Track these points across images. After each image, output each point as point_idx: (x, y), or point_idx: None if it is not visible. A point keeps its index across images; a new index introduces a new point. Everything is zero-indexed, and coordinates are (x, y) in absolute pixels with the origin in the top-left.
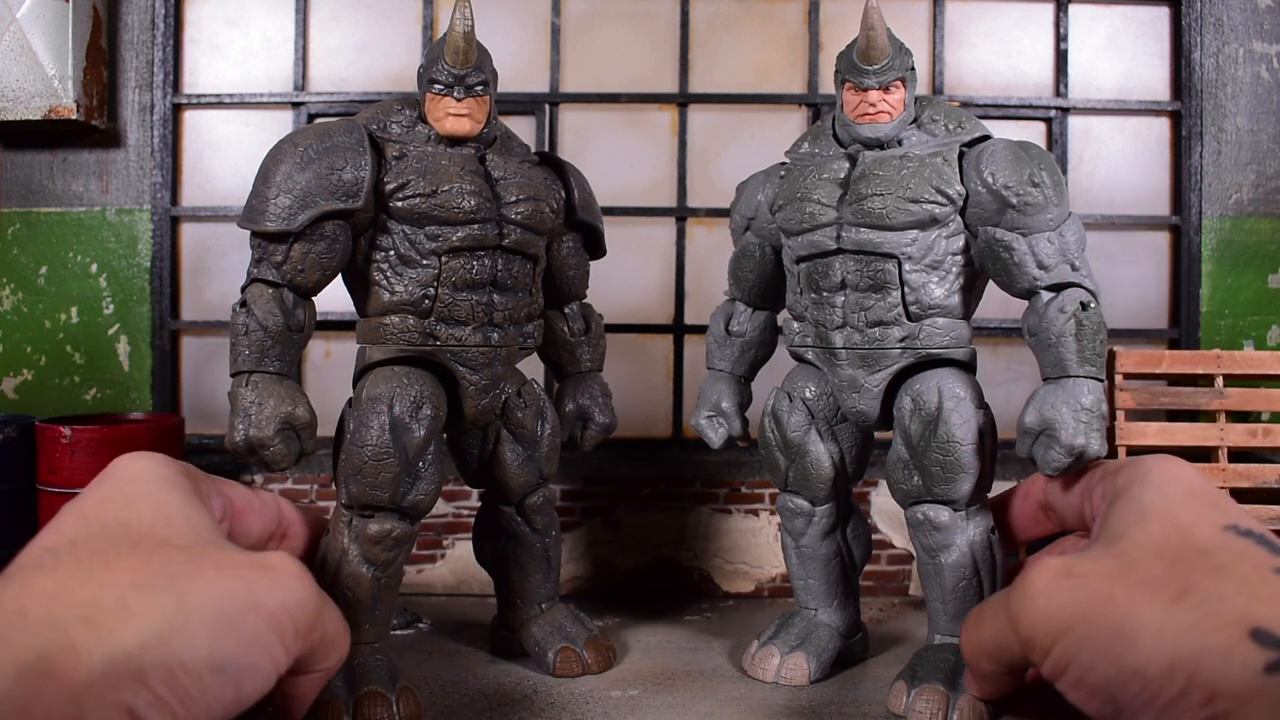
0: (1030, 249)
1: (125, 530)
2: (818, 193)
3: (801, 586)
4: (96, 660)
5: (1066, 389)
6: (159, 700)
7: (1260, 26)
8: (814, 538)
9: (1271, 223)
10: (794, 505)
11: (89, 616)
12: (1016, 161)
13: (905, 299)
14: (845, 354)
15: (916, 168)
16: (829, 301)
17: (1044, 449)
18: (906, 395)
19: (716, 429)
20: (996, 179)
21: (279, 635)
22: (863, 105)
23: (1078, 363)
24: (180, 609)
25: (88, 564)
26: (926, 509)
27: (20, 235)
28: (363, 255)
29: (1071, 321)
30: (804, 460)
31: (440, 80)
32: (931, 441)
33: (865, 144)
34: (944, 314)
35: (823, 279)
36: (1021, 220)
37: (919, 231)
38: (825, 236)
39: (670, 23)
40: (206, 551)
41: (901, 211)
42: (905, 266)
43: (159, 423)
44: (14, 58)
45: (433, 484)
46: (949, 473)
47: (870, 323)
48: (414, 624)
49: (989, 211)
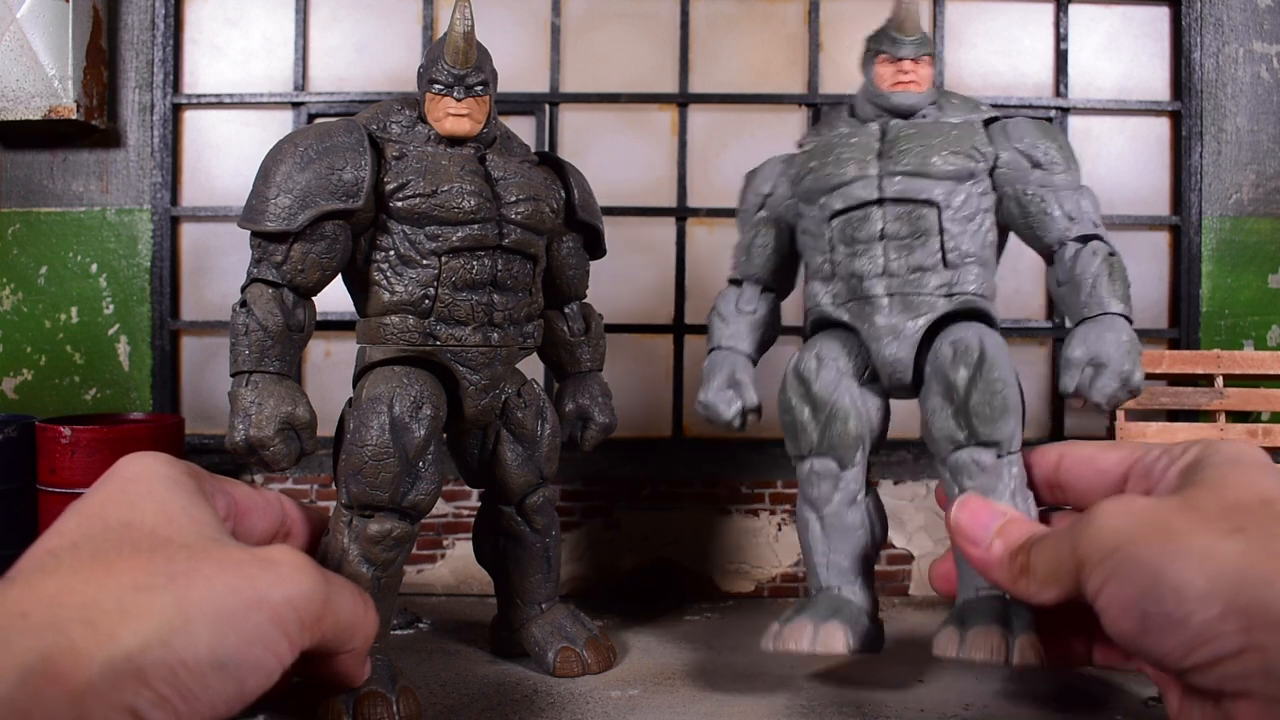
0: (1059, 202)
1: (127, 531)
2: (852, 152)
3: (824, 564)
4: (97, 662)
5: (1107, 323)
6: (162, 699)
7: (1260, 26)
8: (840, 504)
9: (1271, 223)
10: (821, 468)
11: (89, 618)
12: (1041, 129)
13: (945, 245)
14: (886, 301)
15: (950, 127)
16: (867, 251)
17: (1091, 378)
18: (945, 343)
19: (730, 401)
20: (1024, 140)
21: (282, 630)
22: (897, 74)
23: (1115, 300)
24: (180, 608)
25: (89, 566)
26: (973, 452)
27: (20, 235)
28: (363, 255)
29: (1105, 263)
30: (834, 418)
31: (440, 80)
32: (978, 383)
33: (895, 113)
34: (978, 263)
35: (859, 230)
36: (1048, 179)
37: (955, 183)
38: (865, 189)
39: (670, 23)
40: (208, 549)
41: (944, 160)
42: (945, 214)
43: (159, 423)
44: (14, 58)
45: (433, 484)
46: (996, 412)
47: (911, 269)
48: (414, 624)
49: (1019, 171)
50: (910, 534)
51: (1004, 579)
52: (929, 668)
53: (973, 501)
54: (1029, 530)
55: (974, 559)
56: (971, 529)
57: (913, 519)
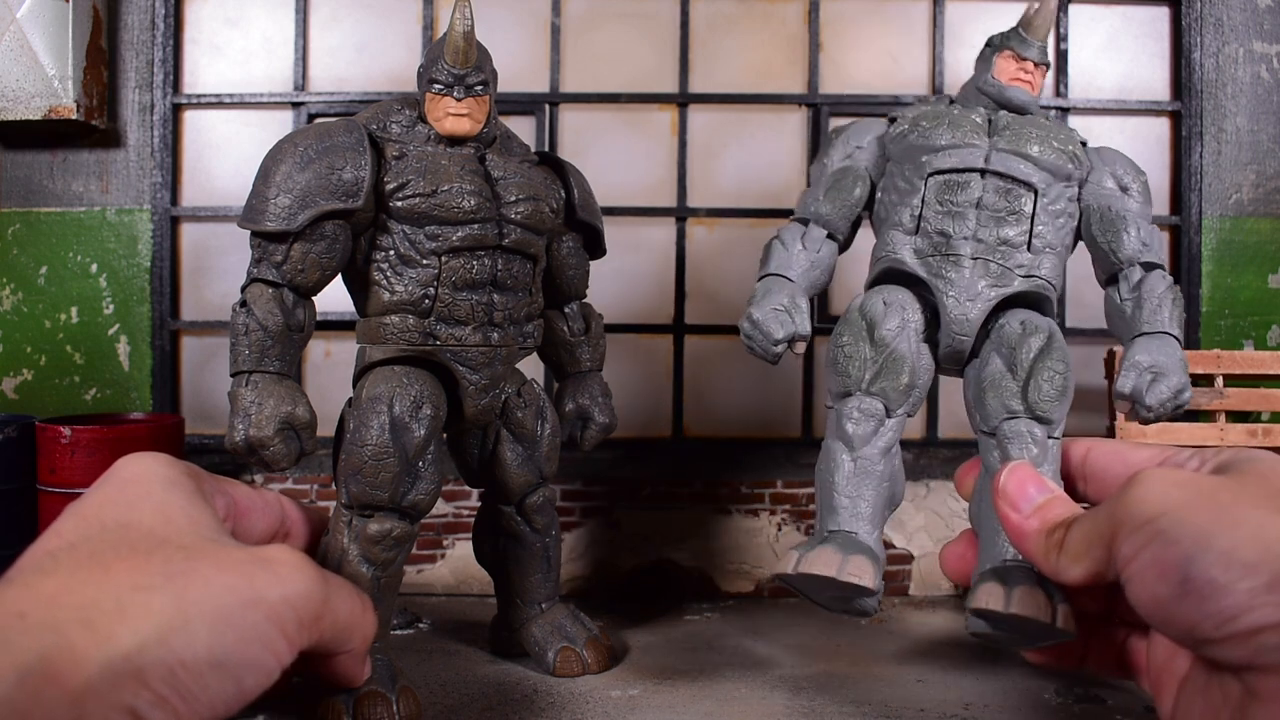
0: (1138, 227)
1: (125, 531)
2: (963, 122)
3: (847, 506)
4: (95, 662)
5: (1166, 342)
6: (160, 699)
7: (1260, 26)
8: (876, 450)
9: (1271, 223)
10: (868, 406)
11: (88, 619)
12: (1131, 162)
13: (1033, 229)
14: (970, 262)
15: (1057, 129)
16: (960, 215)
17: (1149, 384)
18: (1015, 320)
19: (784, 322)
20: (1116, 166)
21: (281, 629)
22: (1020, 71)
23: (1175, 324)
24: (179, 607)
25: (87, 566)
26: (1030, 424)
27: (20, 235)
28: (363, 255)
29: (1170, 290)
30: (893, 362)
31: (440, 80)
32: (1047, 360)
33: (1008, 107)
34: (1056, 255)
35: (958, 193)
36: (1131, 206)
37: (1053, 177)
38: (975, 155)
39: (670, 23)
40: (205, 549)
41: (1053, 151)
42: (1039, 202)
43: (159, 423)
44: (14, 58)
45: (433, 484)
46: (1060, 394)
47: (1000, 241)
48: (414, 624)
49: (1108, 191)
50: (910, 534)
51: (1036, 550)
52: (929, 668)
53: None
54: (1071, 510)
55: (1011, 523)
56: (1017, 495)
57: (913, 519)
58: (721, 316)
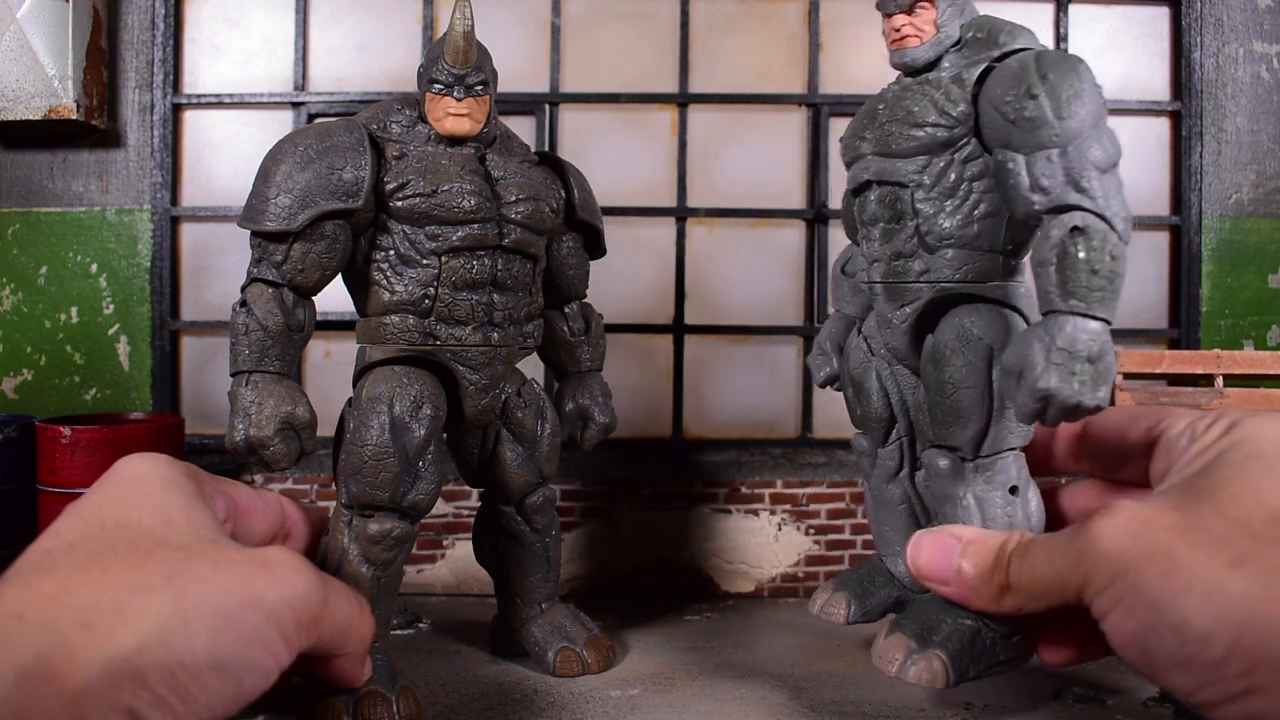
0: (1028, 168)
1: (124, 532)
2: (861, 125)
3: (876, 532)
4: (94, 663)
5: (1044, 325)
6: (160, 700)
7: (1260, 26)
8: (879, 480)
9: (1271, 223)
10: (861, 444)
11: (87, 619)
12: (1019, 72)
13: (920, 229)
14: (879, 288)
15: (928, 92)
16: (868, 236)
17: (1012, 391)
18: (933, 336)
19: (819, 367)
20: (997, 91)
21: (279, 630)
22: (890, 32)
23: (1059, 295)
24: (178, 608)
25: (85, 567)
26: (931, 454)
27: (20, 235)
28: (363, 255)
29: (1056, 247)
30: (860, 397)
31: (440, 80)
32: (934, 383)
33: (904, 71)
34: (956, 245)
35: (863, 212)
36: (1022, 138)
37: (927, 157)
38: (860, 169)
39: (670, 23)
40: (204, 550)
41: (905, 138)
42: (916, 195)
43: (159, 423)
44: (14, 58)
45: (433, 484)
46: (947, 416)
47: (894, 255)
48: (414, 624)
49: (996, 130)
50: None
51: (986, 604)
52: None
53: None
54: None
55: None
56: (933, 568)
57: None
58: (721, 316)
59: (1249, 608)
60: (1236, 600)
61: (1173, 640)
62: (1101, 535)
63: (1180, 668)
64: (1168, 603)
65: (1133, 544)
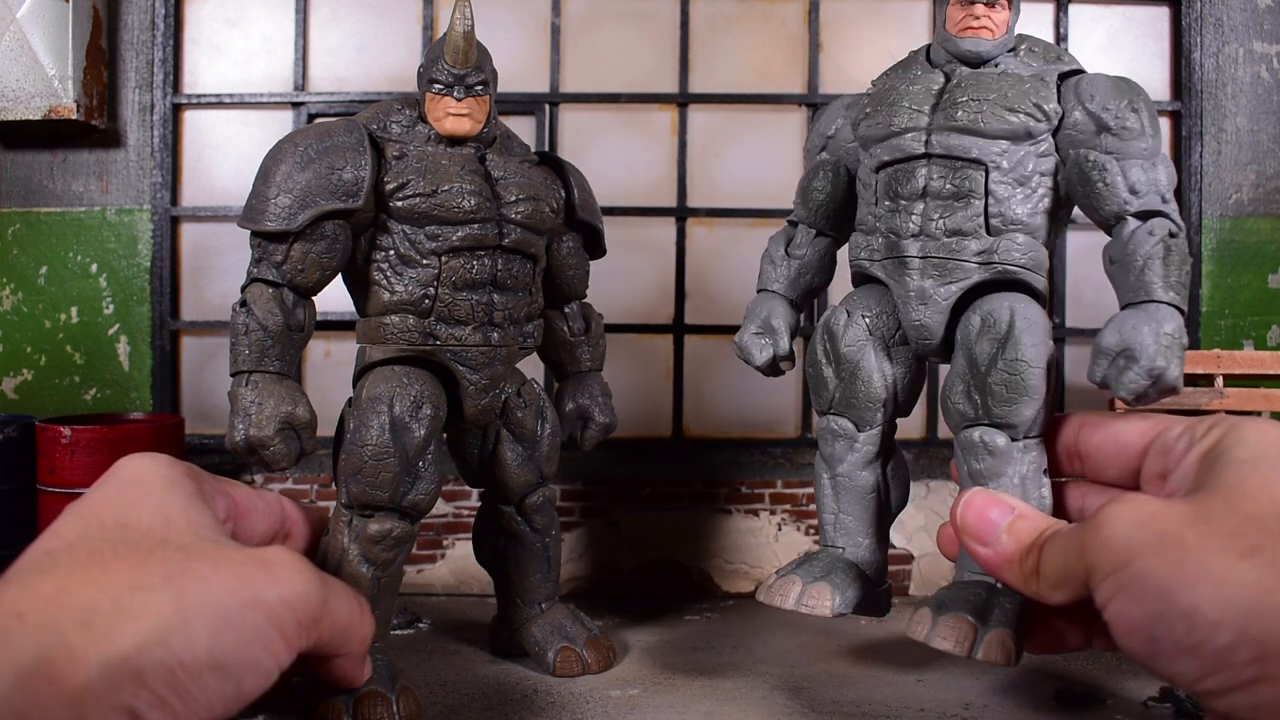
0: (1123, 172)
1: (124, 532)
2: (908, 100)
3: (831, 522)
4: (94, 663)
5: (1149, 312)
6: (160, 700)
7: (1260, 26)
8: (853, 465)
9: (1271, 223)
10: (837, 427)
11: (87, 619)
12: (1117, 88)
13: (988, 210)
14: (919, 263)
15: (1015, 82)
16: (907, 209)
17: (1120, 371)
18: (975, 314)
19: (762, 347)
20: (1095, 100)
21: (279, 630)
22: (967, 18)
23: (1163, 288)
24: (178, 608)
25: (85, 566)
26: (985, 432)
27: (20, 235)
28: (363, 255)
29: (1160, 245)
30: (855, 378)
31: (440, 80)
32: (999, 360)
33: (964, 60)
34: (1025, 231)
35: (904, 185)
36: (1117, 144)
37: (1010, 143)
38: (914, 141)
39: (670, 23)
40: (204, 550)
41: (997, 118)
42: (992, 176)
43: (159, 423)
44: (14, 58)
45: (433, 484)
46: (1014, 394)
47: (949, 231)
48: (414, 624)
49: (1085, 134)
50: (910, 534)
51: (1015, 579)
52: (929, 668)
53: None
54: (1039, 526)
55: (983, 559)
56: (979, 527)
57: (913, 519)
58: (721, 316)
59: (1260, 597)
60: (1248, 589)
61: (1181, 626)
62: (1106, 523)
63: (1187, 654)
64: (1176, 590)
65: (1139, 533)
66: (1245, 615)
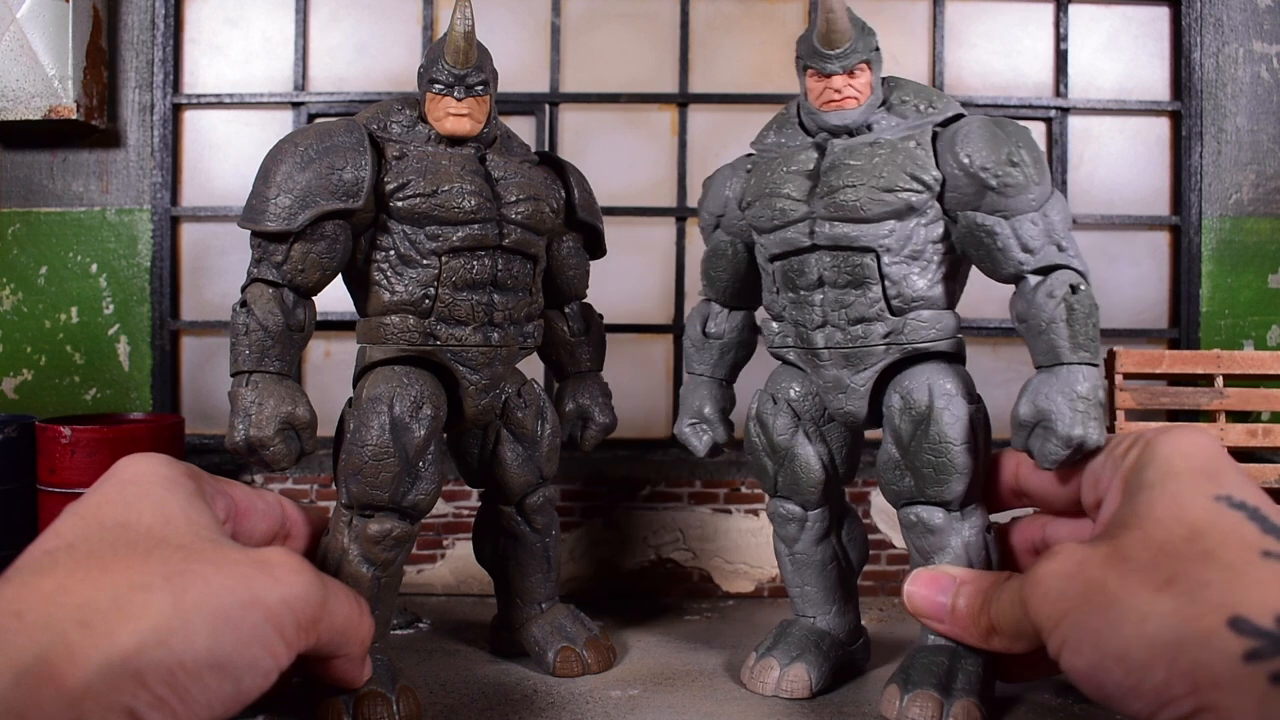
0: (1014, 232)
1: (124, 531)
2: (787, 187)
3: (798, 594)
4: (94, 663)
5: (1060, 377)
6: (159, 700)
7: (1260, 26)
8: (808, 543)
9: (1271, 223)
10: (785, 511)
11: (86, 619)
12: (993, 141)
13: (887, 293)
14: (828, 354)
15: (889, 154)
16: (807, 300)
17: (1040, 441)
18: (895, 393)
19: (701, 436)
20: (974, 161)
21: (278, 631)
22: (827, 92)
23: (1070, 349)
24: (178, 608)
25: (85, 566)
26: (920, 510)
27: (20, 235)
28: (363, 255)
29: (1062, 306)
30: (793, 464)
31: (440, 80)
32: (923, 442)
33: (833, 132)
34: (928, 305)
35: (799, 277)
36: (1003, 203)
37: (896, 222)
38: (798, 233)
39: (670, 23)
40: (204, 550)
41: (876, 202)
42: (884, 259)
43: (159, 423)
44: (14, 58)
45: (433, 484)
46: (941, 474)
47: (852, 320)
48: (414, 624)
49: (968, 195)
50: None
51: (976, 641)
52: None
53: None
54: (983, 588)
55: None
56: (929, 609)
57: None
58: None
59: (1178, 628)
60: (1168, 622)
61: (1118, 671)
62: (1040, 580)
63: (1131, 696)
64: (1108, 637)
65: (1069, 586)
66: (1171, 650)
